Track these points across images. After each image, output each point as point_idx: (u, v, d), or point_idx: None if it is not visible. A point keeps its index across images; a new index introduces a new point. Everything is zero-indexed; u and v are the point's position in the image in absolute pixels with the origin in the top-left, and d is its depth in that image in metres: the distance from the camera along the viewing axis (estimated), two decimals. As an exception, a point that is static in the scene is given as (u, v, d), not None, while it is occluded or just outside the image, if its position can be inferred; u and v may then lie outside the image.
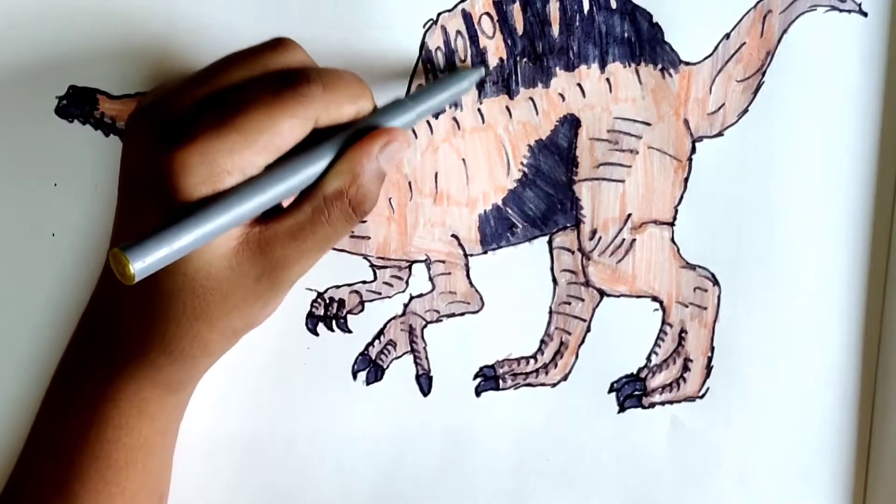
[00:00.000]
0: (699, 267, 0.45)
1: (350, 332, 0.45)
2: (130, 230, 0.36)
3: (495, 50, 0.43)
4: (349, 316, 0.45)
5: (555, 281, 0.45)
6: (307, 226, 0.35)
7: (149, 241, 0.31)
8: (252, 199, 0.33)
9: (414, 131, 0.43)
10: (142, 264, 0.31)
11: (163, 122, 0.34)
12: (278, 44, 0.36)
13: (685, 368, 0.45)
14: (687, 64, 0.43)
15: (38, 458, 0.40)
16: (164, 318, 0.36)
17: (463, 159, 0.43)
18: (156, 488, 0.41)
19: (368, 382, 0.45)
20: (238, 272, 0.35)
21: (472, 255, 0.44)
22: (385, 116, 0.37)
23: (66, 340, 0.40)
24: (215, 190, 0.33)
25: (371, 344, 0.45)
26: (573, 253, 0.45)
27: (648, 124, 0.44)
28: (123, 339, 0.37)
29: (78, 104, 0.42)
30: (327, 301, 0.44)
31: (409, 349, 0.45)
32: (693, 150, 0.44)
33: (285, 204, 0.36)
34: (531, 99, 0.43)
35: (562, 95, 0.43)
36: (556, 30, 0.43)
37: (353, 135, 0.36)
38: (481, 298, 0.45)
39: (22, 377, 0.44)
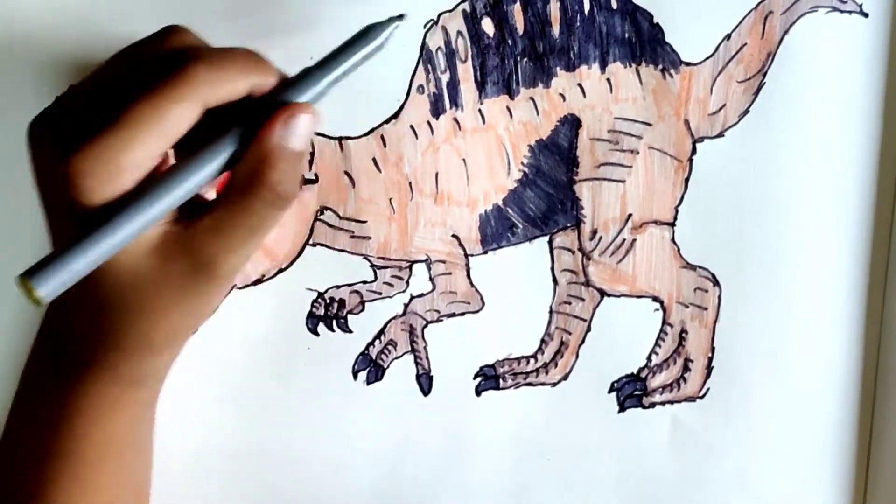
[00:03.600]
0: (700, 267, 0.45)
1: (350, 331, 0.45)
2: (56, 243, 0.36)
3: (496, 50, 0.42)
4: (350, 316, 0.45)
5: (555, 281, 0.45)
6: (227, 218, 0.34)
7: (52, 265, 0.31)
8: (154, 202, 0.32)
9: (415, 132, 0.43)
10: (46, 290, 0.31)
11: (58, 130, 0.34)
12: (167, 31, 0.35)
13: (685, 368, 0.45)
14: (688, 64, 0.43)
15: (10, 459, 0.39)
16: (109, 315, 0.35)
17: (463, 159, 0.43)
18: (130, 485, 0.41)
19: (369, 382, 0.45)
20: (164, 271, 0.34)
21: (472, 255, 0.44)
22: (292, 90, 0.35)
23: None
24: (117, 189, 0.32)
25: (371, 344, 0.45)
26: (573, 253, 0.45)
27: (649, 124, 0.44)
28: (78, 338, 0.37)
29: (78, 104, 0.42)
30: (328, 301, 0.44)
31: (410, 349, 0.45)
32: (694, 150, 0.44)
33: (211, 197, 0.35)
34: (532, 99, 0.43)
35: (562, 95, 0.43)
36: (556, 30, 0.43)
37: (260, 116, 0.34)
38: (482, 298, 0.45)
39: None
